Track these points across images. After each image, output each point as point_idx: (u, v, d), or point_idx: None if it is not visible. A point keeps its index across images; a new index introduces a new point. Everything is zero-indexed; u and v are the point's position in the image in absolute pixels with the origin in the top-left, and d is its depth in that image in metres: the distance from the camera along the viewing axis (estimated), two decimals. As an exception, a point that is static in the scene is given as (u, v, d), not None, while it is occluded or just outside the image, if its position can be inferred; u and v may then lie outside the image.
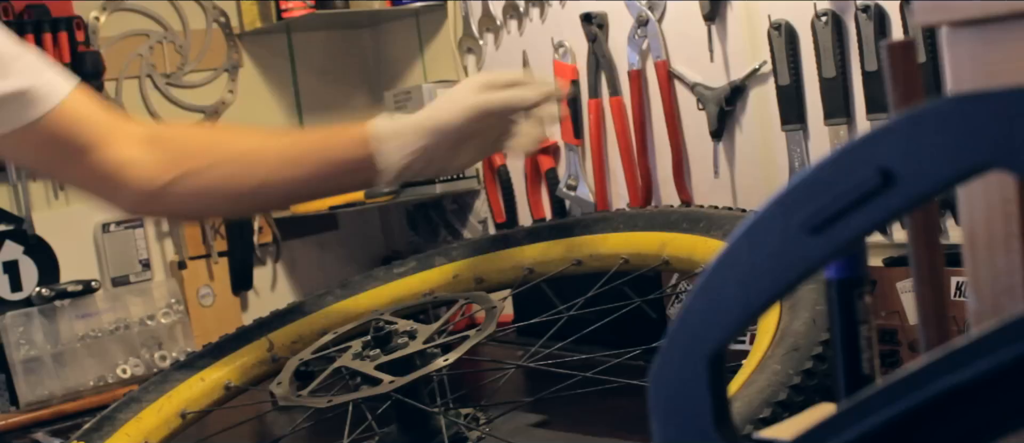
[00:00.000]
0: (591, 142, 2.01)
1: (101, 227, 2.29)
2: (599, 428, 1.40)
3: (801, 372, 0.91)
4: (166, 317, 2.26)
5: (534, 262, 1.53)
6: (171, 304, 2.28)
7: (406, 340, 1.17)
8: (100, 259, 2.30)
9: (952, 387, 0.41)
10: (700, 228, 1.38)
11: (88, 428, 1.36)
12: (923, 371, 0.42)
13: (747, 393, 0.90)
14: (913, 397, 0.42)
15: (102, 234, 2.29)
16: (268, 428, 1.68)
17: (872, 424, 0.44)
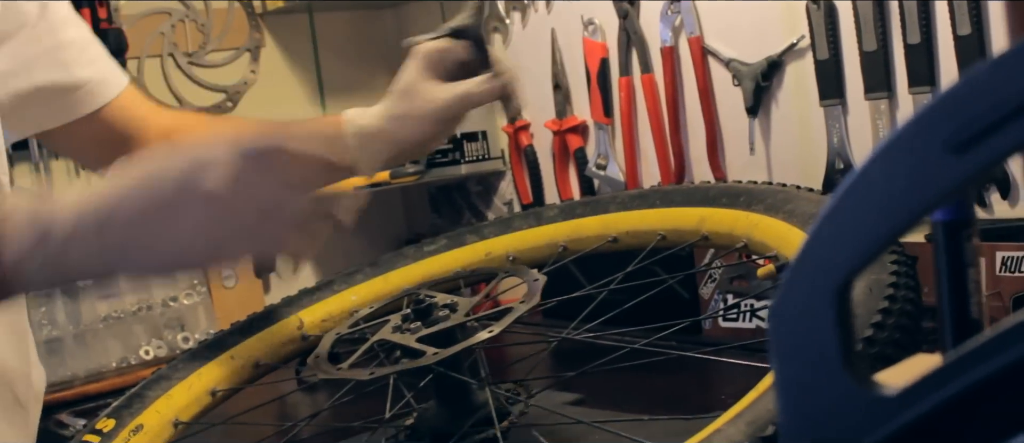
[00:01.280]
0: (622, 121, 1.98)
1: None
2: (635, 406, 1.37)
3: (862, 340, 0.88)
4: (189, 298, 2.24)
5: (568, 239, 1.50)
6: (194, 285, 2.26)
7: (447, 313, 1.14)
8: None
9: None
10: (740, 203, 1.35)
11: (118, 405, 1.33)
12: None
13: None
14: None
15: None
16: (292, 409, 1.66)
17: (988, 370, 0.41)
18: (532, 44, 2.18)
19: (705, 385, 1.55)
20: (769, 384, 0.84)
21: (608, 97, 2.02)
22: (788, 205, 1.22)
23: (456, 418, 1.13)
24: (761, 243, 1.24)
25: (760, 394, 0.83)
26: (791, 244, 1.16)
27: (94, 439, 1.26)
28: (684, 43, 1.87)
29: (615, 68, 2.00)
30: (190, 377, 1.38)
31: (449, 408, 1.16)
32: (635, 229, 1.46)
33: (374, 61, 2.65)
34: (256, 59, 2.48)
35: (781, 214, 1.22)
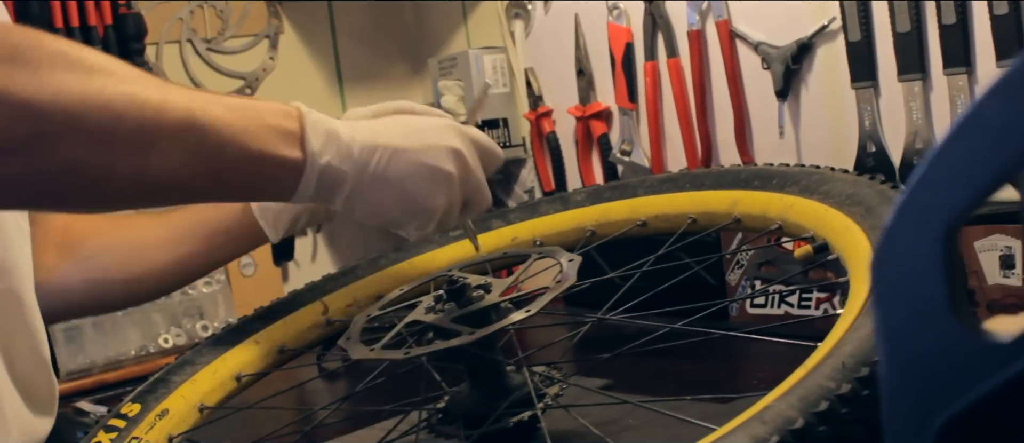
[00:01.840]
0: (647, 106, 1.96)
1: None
2: (665, 391, 1.35)
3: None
4: (208, 286, 2.22)
5: (596, 223, 1.48)
6: (212, 273, 2.24)
7: (481, 294, 1.12)
8: (140, 226, 2.26)
9: None
10: (773, 185, 1.33)
11: (142, 390, 1.32)
12: None
13: (857, 336, 0.85)
14: None
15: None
16: (313, 396, 1.64)
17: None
18: (555, 30, 2.16)
19: (735, 370, 1.53)
20: (817, 362, 0.82)
21: (633, 82, 2.00)
22: (824, 186, 1.20)
23: (489, 401, 1.11)
24: (796, 225, 1.22)
25: (809, 371, 0.80)
26: (828, 225, 1.14)
27: (120, 423, 1.25)
28: (711, 27, 1.85)
29: (640, 53, 1.98)
30: (215, 362, 1.37)
31: (482, 390, 1.14)
32: (665, 213, 1.44)
33: (393, 49, 2.63)
34: (275, 46, 2.46)
35: (817, 196, 1.20)
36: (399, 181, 1.07)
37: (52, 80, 0.80)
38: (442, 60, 2.34)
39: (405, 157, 1.07)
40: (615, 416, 1.19)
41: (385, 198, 1.07)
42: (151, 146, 0.88)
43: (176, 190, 0.94)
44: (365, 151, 1.06)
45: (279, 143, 1.00)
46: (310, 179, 1.02)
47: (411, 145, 1.08)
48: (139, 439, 1.23)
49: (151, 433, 1.25)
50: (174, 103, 0.90)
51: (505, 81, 2.29)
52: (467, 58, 2.27)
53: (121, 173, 0.87)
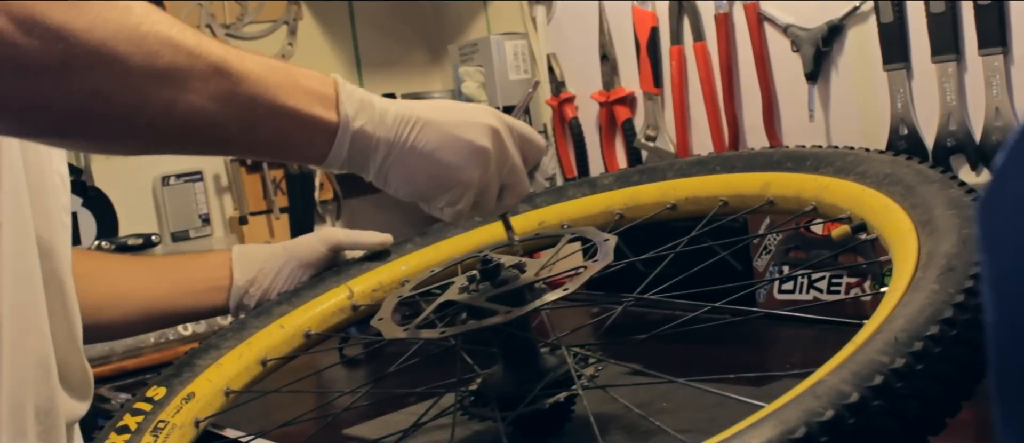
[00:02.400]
0: (672, 90, 1.95)
1: (161, 180, 2.24)
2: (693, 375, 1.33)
3: (962, 290, 0.85)
4: (228, 273, 2.20)
5: (624, 207, 1.46)
6: (233, 259, 2.22)
7: (516, 273, 1.10)
8: (159, 213, 2.25)
9: None
10: (807, 166, 1.31)
11: (168, 374, 1.30)
12: None
13: (907, 312, 0.83)
14: None
15: (161, 187, 2.24)
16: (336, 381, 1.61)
17: None
18: (579, 15, 2.14)
19: (766, 355, 1.51)
20: (866, 338, 0.80)
21: (658, 67, 1.98)
22: (859, 167, 1.18)
23: (524, 382, 1.10)
24: (832, 205, 1.21)
25: (858, 347, 0.79)
26: (866, 205, 1.13)
27: (146, 407, 1.23)
28: (739, 10, 1.83)
29: (666, 37, 1.96)
30: (240, 346, 1.36)
31: (516, 372, 1.12)
32: (695, 195, 1.42)
33: (412, 36, 2.61)
34: (293, 33, 2.45)
35: (853, 176, 1.18)
36: (431, 152, 1.06)
37: (89, 11, 0.81)
38: (463, 46, 2.32)
39: (439, 129, 1.06)
40: (648, 399, 1.17)
41: (417, 170, 1.06)
42: (183, 85, 0.88)
43: (208, 132, 0.93)
44: (399, 121, 1.05)
45: (313, 103, 0.99)
46: (343, 142, 1.02)
47: (446, 119, 1.07)
48: (166, 422, 1.21)
49: (178, 416, 1.23)
50: (209, 49, 0.90)
51: (526, 67, 2.27)
52: (488, 44, 2.25)
53: (151, 108, 0.87)
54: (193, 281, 1.45)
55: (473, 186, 1.08)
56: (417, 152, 1.05)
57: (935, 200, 1.02)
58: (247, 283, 1.43)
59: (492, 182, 1.10)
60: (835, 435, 0.69)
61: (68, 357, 1.21)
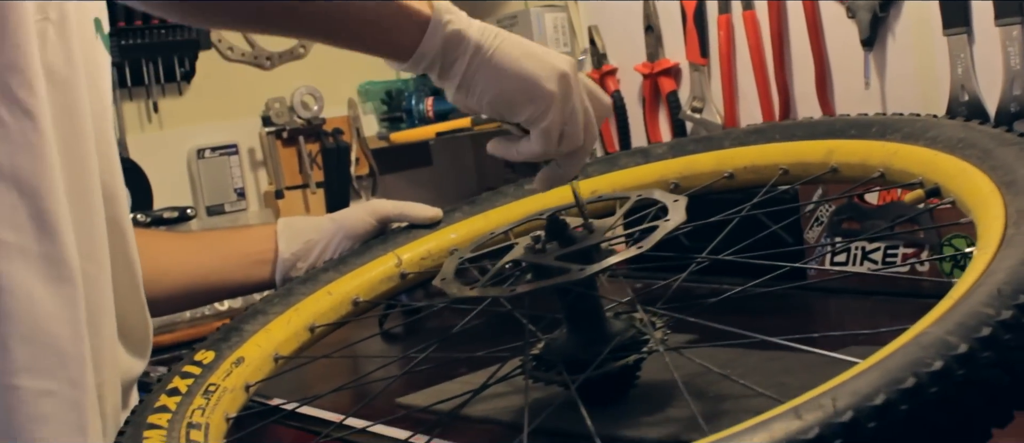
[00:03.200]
0: (720, 61, 1.91)
1: (195, 153, 2.21)
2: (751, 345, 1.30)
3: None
4: (265, 246, 2.18)
5: (679, 176, 1.43)
6: (269, 234, 2.20)
7: (585, 233, 1.07)
8: (194, 186, 2.23)
9: None
10: (872, 133, 1.28)
11: (215, 338, 1.28)
12: None
13: (1006, 266, 0.80)
14: None
15: (196, 160, 2.21)
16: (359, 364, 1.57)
17: None
18: (622, -15, 2.11)
19: (826, 326, 1.47)
20: (964, 293, 0.77)
21: (705, 37, 1.95)
22: (929, 132, 1.15)
23: (590, 345, 1.06)
24: (901, 171, 1.17)
25: (957, 301, 0.75)
26: (940, 170, 1.10)
27: (195, 370, 1.21)
28: (791, -23, 1.80)
29: (713, 6, 1.93)
30: (288, 312, 1.33)
31: (582, 335, 1.09)
32: (754, 164, 1.39)
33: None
34: (329, 6, 2.42)
35: (922, 141, 1.15)
36: (516, 59, 1.05)
37: None
38: (501, 19, 2.29)
39: (520, 45, 1.07)
40: (730, 359, 1.15)
41: (504, 74, 1.05)
42: None
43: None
44: (484, 30, 1.07)
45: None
46: (435, 35, 1.04)
47: (525, 43, 1.08)
48: (217, 386, 1.19)
49: (228, 380, 1.21)
50: None
51: (566, 40, 2.24)
52: (528, 16, 2.22)
53: None
54: (237, 255, 1.44)
55: (556, 103, 1.05)
56: (503, 56, 1.05)
57: (1016, 162, 0.99)
58: (293, 256, 1.41)
59: (571, 110, 1.07)
60: (945, 385, 0.66)
61: (129, 308, 1.19)
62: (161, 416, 1.11)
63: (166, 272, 1.39)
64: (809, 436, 0.62)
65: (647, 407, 1.08)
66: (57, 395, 1.01)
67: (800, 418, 0.64)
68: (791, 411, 0.65)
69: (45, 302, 1.00)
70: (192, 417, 1.11)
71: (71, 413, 1.02)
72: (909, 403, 0.64)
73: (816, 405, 0.65)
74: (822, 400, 0.65)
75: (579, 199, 1.12)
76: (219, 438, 1.12)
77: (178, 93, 2.23)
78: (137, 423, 1.09)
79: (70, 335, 1.02)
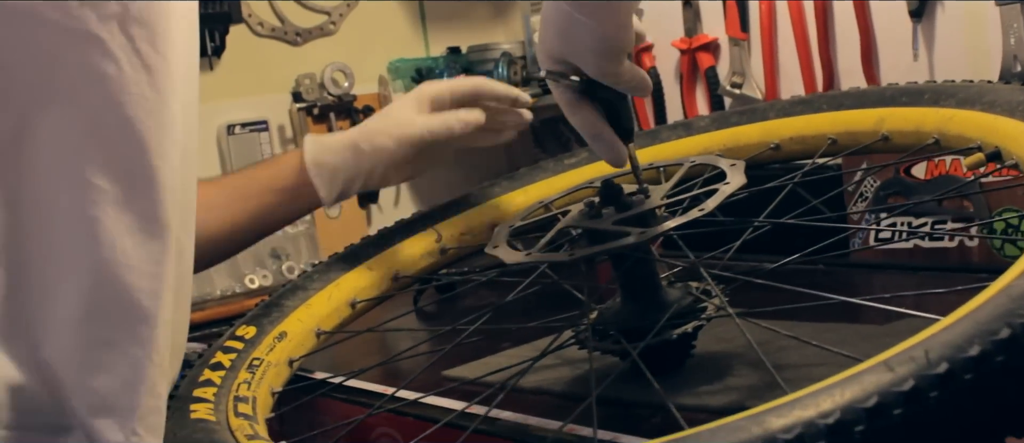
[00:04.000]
0: (761, 35, 1.88)
1: (226, 129, 2.20)
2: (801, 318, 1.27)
3: None
4: (293, 228, 2.16)
5: (723, 148, 1.40)
6: (298, 214, 2.18)
7: (641, 198, 1.05)
8: (224, 162, 2.21)
9: None
10: (925, 100, 1.25)
11: (255, 314, 1.26)
12: None
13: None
14: None
15: (226, 136, 2.20)
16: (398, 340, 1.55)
17: None
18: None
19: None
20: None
21: (745, 10, 1.92)
22: (986, 97, 1.13)
23: (646, 313, 1.04)
24: (958, 136, 1.15)
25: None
26: (1000, 133, 1.08)
27: (237, 345, 1.19)
28: (836, -51, 1.77)
29: (755, -21, 1.90)
30: (328, 288, 1.32)
31: (638, 303, 1.07)
32: (801, 134, 1.37)
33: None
34: (358, -14, 2.43)
35: (979, 106, 1.13)
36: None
37: None
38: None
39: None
40: (768, 336, 1.12)
41: None
42: None
43: None
44: None
45: None
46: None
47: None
48: (261, 360, 1.17)
49: (272, 354, 1.19)
50: None
51: (600, 17, 2.21)
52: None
53: None
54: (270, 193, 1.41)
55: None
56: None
57: (1079, 123, 0.97)
58: (335, 198, 1.41)
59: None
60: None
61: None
62: (206, 390, 1.09)
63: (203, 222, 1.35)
64: (903, 388, 0.60)
65: (705, 376, 1.06)
66: (117, 347, 0.98)
67: (892, 371, 0.62)
68: (881, 364, 0.63)
69: (129, 253, 0.98)
70: (238, 391, 1.10)
71: (129, 370, 0.99)
72: (1005, 354, 0.62)
73: (908, 358, 0.63)
74: (914, 352, 0.63)
75: (635, 164, 1.10)
76: (266, 411, 1.11)
77: (209, 68, 2.21)
78: (182, 397, 1.08)
79: (149, 290, 0.99)
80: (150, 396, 1.00)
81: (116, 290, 0.98)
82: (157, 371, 1.00)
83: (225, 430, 0.99)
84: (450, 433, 1.00)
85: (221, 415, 1.03)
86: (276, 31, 2.33)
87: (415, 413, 1.11)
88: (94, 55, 0.95)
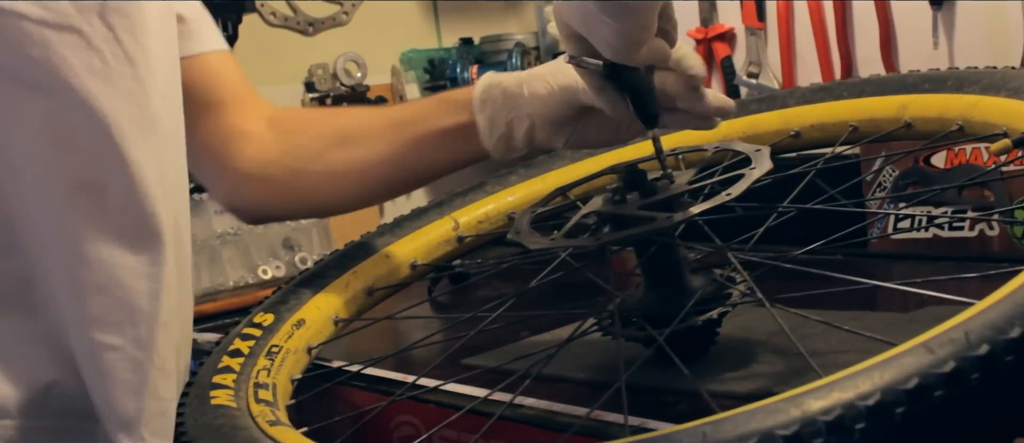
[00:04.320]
0: (778, 24, 1.88)
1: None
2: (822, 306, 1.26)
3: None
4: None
5: (742, 136, 1.39)
6: (309, 205, 2.16)
7: (666, 183, 1.04)
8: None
9: None
10: (948, 87, 1.24)
11: (272, 301, 1.25)
12: None
13: None
14: None
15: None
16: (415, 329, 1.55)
17: None
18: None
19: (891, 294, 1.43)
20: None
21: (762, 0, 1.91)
22: (1011, 83, 1.12)
23: (671, 300, 1.03)
24: (983, 123, 1.14)
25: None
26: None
27: (255, 332, 1.18)
28: (855, -63, 1.76)
29: (771, -31, 1.90)
30: (346, 275, 1.31)
31: (662, 289, 1.05)
32: (821, 122, 1.36)
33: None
34: (372, -26, 2.42)
35: (1005, 92, 1.12)
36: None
37: None
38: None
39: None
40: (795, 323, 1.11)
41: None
42: None
43: None
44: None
45: None
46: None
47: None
48: (279, 347, 1.16)
49: (290, 342, 1.18)
50: None
51: (614, 7, 2.20)
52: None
53: None
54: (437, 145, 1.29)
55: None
56: None
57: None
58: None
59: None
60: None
61: None
62: (226, 376, 1.08)
63: (355, 162, 1.30)
64: (944, 370, 0.60)
65: (729, 363, 1.05)
66: (120, 351, 0.99)
67: (932, 352, 0.61)
68: (920, 346, 0.62)
69: (125, 255, 0.98)
70: (258, 377, 1.09)
71: (132, 374, 1.00)
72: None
73: (947, 339, 0.62)
74: (953, 334, 0.62)
75: (660, 149, 1.08)
76: (286, 398, 1.10)
77: (221, 58, 2.21)
78: (201, 383, 1.07)
79: (147, 291, 0.99)
80: (153, 400, 1.01)
81: (117, 293, 0.98)
82: (159, 374, 1.00)
83: (246, 416, 0.98)
84: (473, 420, 0.99)
85: (241, 401, 1.02)
86: (288, 21, 2.33)
87: (437, 400, 1.10)
88: (78, 49, 0.95)
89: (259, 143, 1.29)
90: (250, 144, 1.28)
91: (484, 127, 1.22)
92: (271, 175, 1.28)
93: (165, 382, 1.02)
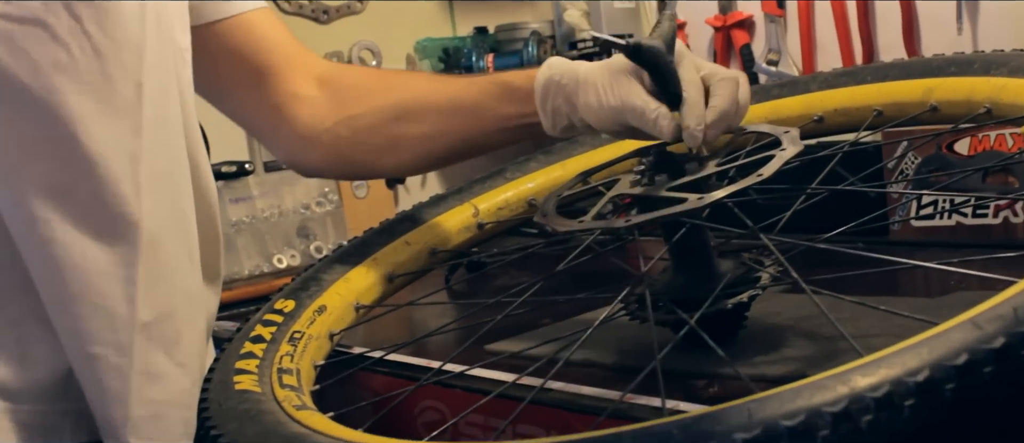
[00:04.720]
0: (798, 11, 1.86)
1: (255, 109, 2.18)
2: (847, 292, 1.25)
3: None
4: (320, 207, 2.14)
5: (764, 121, 1.38)
6: (325, 194, 2.15)
7: (695, 165, 1.03)
8: (252, 141, 2.18)
9: None
10: (975, 70, 1.23)
11: (293, 287, 1.24)
12: None
13: None
14: None
15: (256, 116, 2.17)
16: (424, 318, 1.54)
17: None
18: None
19: (913, 281, 1.42)
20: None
21: (782, -14, 1.91)
22: (1041, 66, 1.11)
23: (700, 283, 1.02)
24: (1012, 105, 1.13)
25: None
26: (1054, 100, 1.05)
27: (277, 318, 1.17)
28: (877, -78, 1.75)
29: (793, -46, 1.88)
30: (366, 262, 1.30)
31: (690, 273, 1.04)
32: (845, 106, 1.34)
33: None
34: (386, -36, 2.41)
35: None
36: None
37: None
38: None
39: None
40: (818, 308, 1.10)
41: None
42: None
43: None
44: None
45: None
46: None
47: None
48: (301, 333, 1.15)
49: (312, 327, 1.17)
50: None
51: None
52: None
53: None
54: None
55: None
56: None
57: None
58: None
59: None
60: None
61: (205, 241, 1.14)
62: (249, 361, 1.08)
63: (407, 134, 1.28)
64: (993, 345, 0.59)
65: (758, 347, 1.04)
66: (103, 360, 0.97)
67: (980, 328, 0.60)
68: (968, 322, 0.61)
69: (98, 259, 0.95)
70: (281, 363, 1.08)
71: (116, 382, 0.97)
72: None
73: (995, 315, 0.61)
74: (1001, 310, 0.61)
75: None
76: (309, 384, 1.09)
77: (236, 46, 2.20)
78: (224, 368, 1.06)
79: (122, 295, 0.97)
80: (140, 406, 0.98)
81: (94, 299, 0.96)
82: (143, 379, 0.98)
83: (271, 400, 0.97)
84: (500, 405, 0.98)
85: (265, 386, 1.01)
86: (303, 9, 2.32)
87: (464, 386, 1.09)
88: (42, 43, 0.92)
89: (312, 106, 1.26)
90: (303, 107, 1.26)
91: (546, 120, 1.19)
92: (327, 142, 1.27)
93: (154, 385, 0.99)
